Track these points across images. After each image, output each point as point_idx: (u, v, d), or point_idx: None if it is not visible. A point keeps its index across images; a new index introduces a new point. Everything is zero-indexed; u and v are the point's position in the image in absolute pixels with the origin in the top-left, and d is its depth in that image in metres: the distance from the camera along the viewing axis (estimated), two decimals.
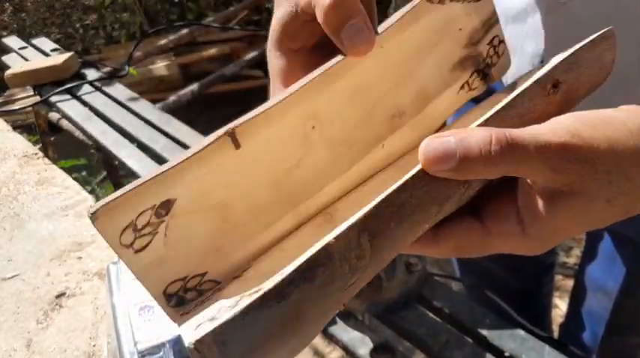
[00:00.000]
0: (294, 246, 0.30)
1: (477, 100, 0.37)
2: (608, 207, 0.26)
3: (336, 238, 0.24)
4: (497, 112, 0.26)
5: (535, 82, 0.28)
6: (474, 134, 0.24)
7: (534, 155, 0.24)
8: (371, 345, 0.60)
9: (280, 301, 0.23)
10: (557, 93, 0.28)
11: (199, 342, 0.22)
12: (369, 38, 0.28)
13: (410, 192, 0.25)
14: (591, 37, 0.29)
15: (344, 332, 0.62)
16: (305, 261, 0.24)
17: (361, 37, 0.27)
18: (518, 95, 0.27)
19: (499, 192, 0.29)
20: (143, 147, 0.96)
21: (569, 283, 1.46)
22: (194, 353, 0.23)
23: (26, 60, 1.28)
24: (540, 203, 0.26)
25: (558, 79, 0.28)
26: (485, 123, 0.26)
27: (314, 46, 0.32)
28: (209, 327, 0.22)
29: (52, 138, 1.36)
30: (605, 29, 0.30)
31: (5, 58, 1.32)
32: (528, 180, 0.26)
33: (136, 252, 0.25)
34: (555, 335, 1.08)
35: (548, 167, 0.24)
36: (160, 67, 2.66)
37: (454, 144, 0.24)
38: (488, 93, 0.37)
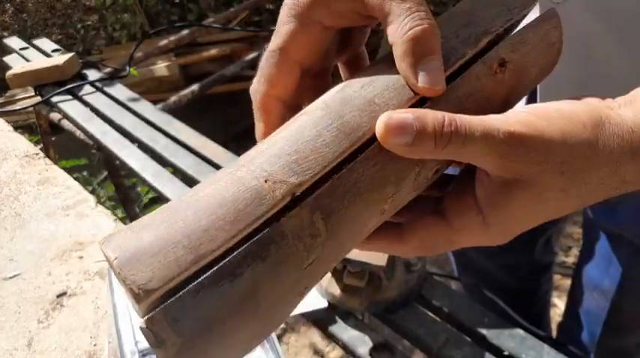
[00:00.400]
0: None
1: None
2: (564, 196, 0.27)
3: (288, 216, 0.24)
4: (443, 93, 0.27)
5: (481, 62, 0.28)
6: (429, 114, 0.25)
7: (479, 139, 0.25)
8: (370, 344, 0.61)
9: (233, 280, 0.23)
10: (504, 72, 0.29)
11: (150, 320, 0.22)
12: (443, 80, 0.27)
13: (361, 170, 0.25)
14: (524, 12, 0.30)
15: (344, 331, 0.62)
16: (256, 240, 0.23)
17: (438, 77, 0.26)
18: (464, 75, 0.28)
19: (459, 189, 0.29)
20: (144, 148, 0.96)
21: (568, 282, 1.46)
22: (146, 332, 0.22)
23: (27, 60, 1.28)
24: (496, 191, 0.27)
25: (504, 58, 0.28)
26: (432, 103, 0.27)
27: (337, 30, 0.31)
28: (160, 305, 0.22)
29: (53, 139, 1.36)
30: (548, 10, 0.30)
31: (6, 59, 1.32)
32: (485, 170, 0.27)
33: None
34: (554, 334, 1.09)
35: (496, 153, 0.25)
36: (161, 67, 2.66)
37: (412, 119, 0.25)
38: None
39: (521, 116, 0.26)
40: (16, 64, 1.24)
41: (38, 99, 1.16)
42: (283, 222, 0.24)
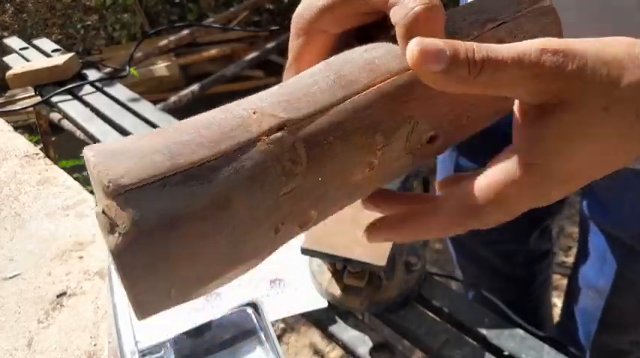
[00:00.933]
0: None
1: None
2: (607, 117, 0.24)
3: (268, 137, 0.24)
4: None
5: (478, 39, 0.28)
6: (458, 42, 0.24)
7: (512, 64, 0.24)
8: (370, 344, 0.61)
9: (203, 183, 0.22)
10: None
11: (107, 206, 0.21)
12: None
13: (351, 112, 0.25)
14: (531, 8, 0.30)
15: (344, 331, 0.62)
16: (234, 151, 0.23)
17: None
18: None
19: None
20: None
21: None
22: (100, 217, 0.21)
23: (27, 60, 1.28)
24: (532, 124, 0.25)
25: (503, 40, 0.28)
26: None
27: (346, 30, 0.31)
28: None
29: (53, 139, 1.36)
30: (543, 2, 0.30)
31: (6, 59, 1.32)
32: (520, 109, 0.26)
33: None
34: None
35: (529, 75, 0.24)
36: (161, 67, 2.66)
37: (444, 46, 0.24)
38: None
39: (554, 39, 0.25)
40: (16, 64, 1.24)
41: (38, 99, 1.16)
42: (263, 141, 0.24)
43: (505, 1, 0.30)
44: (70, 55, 1.21)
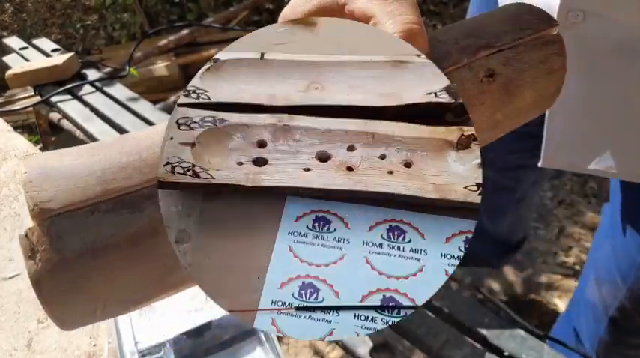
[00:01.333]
0: None
1: None
2: None
3: None
4: None
5: (467, 67, 0.27)
6: None
7: None
8: (371, 344, 0.61)
9: (133, 213, 0.21)
10: (492, 83, 0.27)
11: (30, 230, 0.20)
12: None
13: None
14: (535, 35, 0.28)
15: None
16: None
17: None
18: (445, 74, 0.26)
19: None
20: None
21: (569, 283, 1.46)
22: (23, 241, 0.21)
23: (27, 60, 1.28)
24: None
25: (493, 69, 0.27)
26: None
27: None
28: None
29: (53, 138, 1.36)
30: (552, 30, 0.29)
31: (6, 59, 1.32)
32: None
33: None
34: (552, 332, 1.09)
35: None
36: (161, 67, 2.66)
37: None
38: None
39: None
40: (16, 64, 1.24)
41: (38, 98, 1.15)
42: None
43: (508, 25, 0.28)
44: (70, 54, 1.20)
